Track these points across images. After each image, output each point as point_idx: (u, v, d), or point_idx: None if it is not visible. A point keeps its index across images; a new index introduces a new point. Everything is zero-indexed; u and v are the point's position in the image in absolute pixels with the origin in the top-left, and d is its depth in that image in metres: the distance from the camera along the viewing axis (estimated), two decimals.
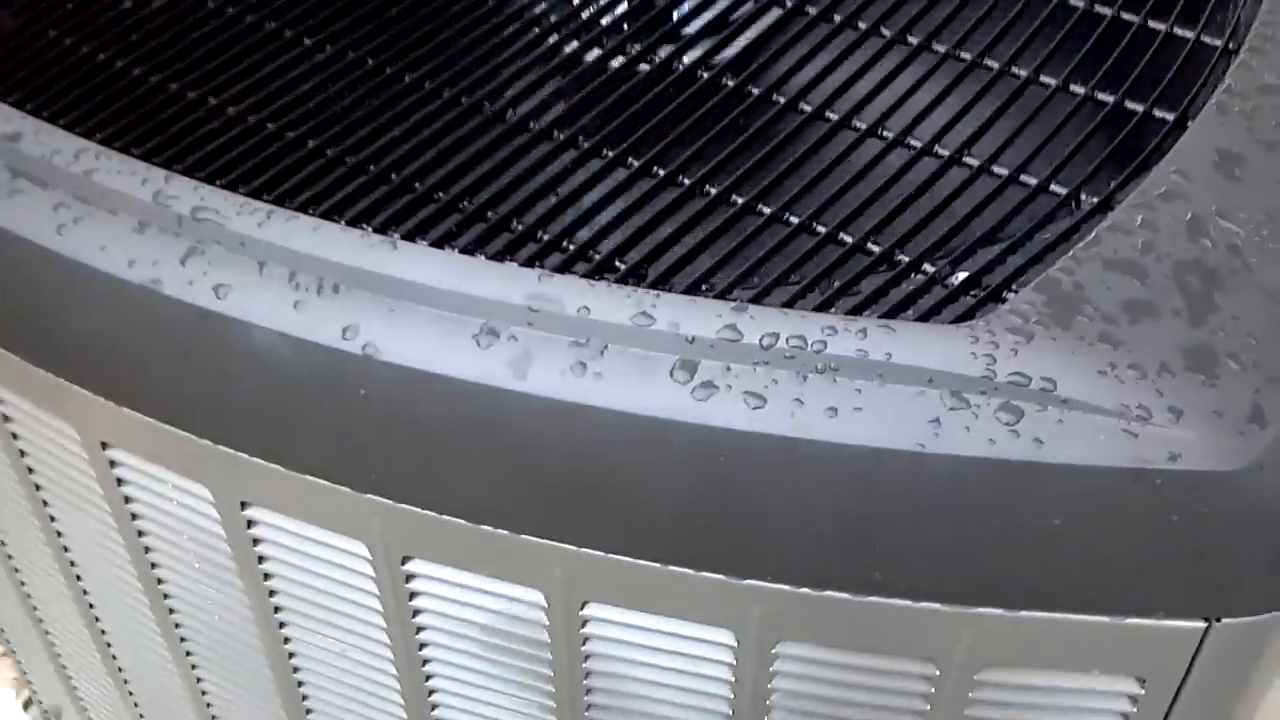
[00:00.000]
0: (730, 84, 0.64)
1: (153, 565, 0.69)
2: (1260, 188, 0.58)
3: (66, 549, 0.75)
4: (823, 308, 0.53)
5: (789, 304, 0.53)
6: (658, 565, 0.53)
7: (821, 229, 0.57)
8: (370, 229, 0.57)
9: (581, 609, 0.57)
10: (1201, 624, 0.51)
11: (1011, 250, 0.55)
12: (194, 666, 0.76)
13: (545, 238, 0.57)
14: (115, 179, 0.58)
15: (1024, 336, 0.50)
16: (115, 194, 0.57)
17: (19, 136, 0.60)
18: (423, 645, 0.63)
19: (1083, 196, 0.58)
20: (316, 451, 0.56)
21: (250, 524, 0.61)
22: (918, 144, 0.61)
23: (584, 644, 0.58)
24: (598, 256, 0.56)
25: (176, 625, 0.73)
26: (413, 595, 0.60)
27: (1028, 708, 0.56)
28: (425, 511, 0.55)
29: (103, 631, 0.81)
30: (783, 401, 0.49)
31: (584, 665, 0.59)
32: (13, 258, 0.59)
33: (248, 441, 0.57)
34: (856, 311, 0.53)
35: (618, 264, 0.56)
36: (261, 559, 0.63)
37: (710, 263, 0.55)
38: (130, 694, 0.85)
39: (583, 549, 0.54)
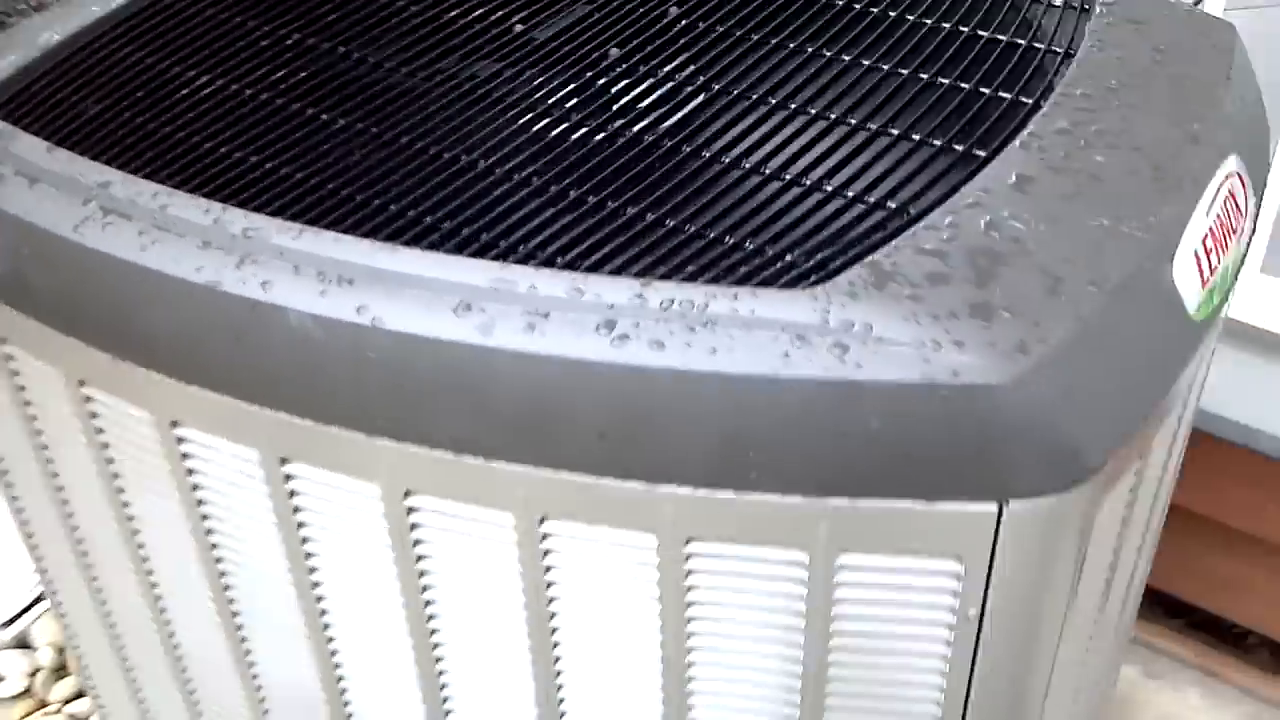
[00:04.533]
0: (655, 140, 0.84)
1: (208, 531, 0.87)
2: (1045, 199, 0.77)
3: (136, 530, 0.93)
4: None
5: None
6: (593, 479, 0.71)
7: (713, 234, 0.76)
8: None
9: (541, 524, 0.75)
10: (994, 506, 0.69)
11: (852, 245, 0.74)
12: (239, 626, 0.93)
13: (503, 245, 0.76)
14: (184, 210, 0.77)
15: (851, 297, 0.69)
16: (184, 221, 0.77)
17: (109, 184, 0.80)
18: (422, 575, 0.80)
19: (911, 210, 0.77)
20: (338, 406, 0.75)
21: (287, 478, 0.80)
22: (799, 178, 0.81)
23: (544, 557, 0.76)
24: (543, 255, 0.76)
25: (226, 587, 0.91)
26: (413, 526, 0.78)
27: (883, 587, 0.73)
28: (421, 448, 0.74)
29: (163, 610, 0.98)
30: (677, 344, 0.68)
31: (546, 577, 0.77)
32: (107, 273, 0.78)
33: (289, 404, 0.76)
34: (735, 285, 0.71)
35: (558, 261, 0.75)
36: (297, 509, 0.81)
37: (625, 260, 0.75)
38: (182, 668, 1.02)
39: (541, 469, 0.72)
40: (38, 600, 1.78)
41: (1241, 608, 1.65)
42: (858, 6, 0.97)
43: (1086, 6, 0.97)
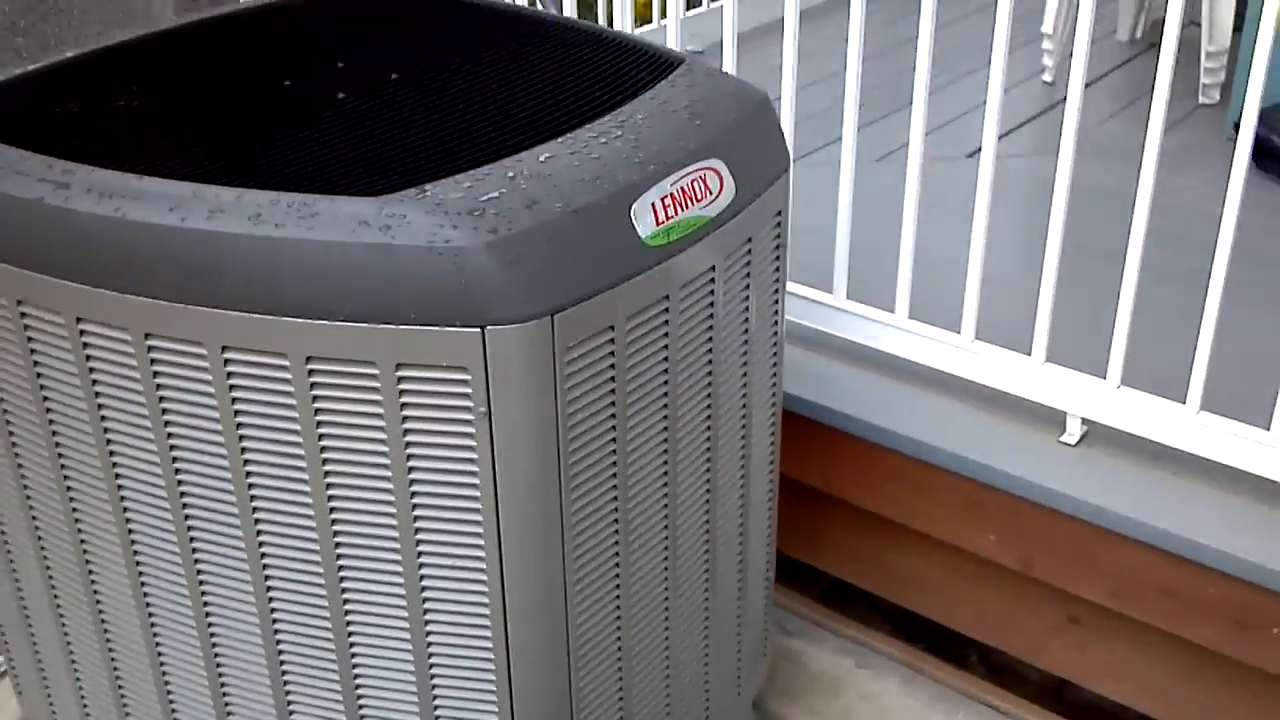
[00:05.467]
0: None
1: (43, 391, 1.32)
2: (556, 166, 1.23)
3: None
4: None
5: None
6: (246, 315, 1.17)
7: (351, 182, 1.23)
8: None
9: (223, 353, 1.20)
10: (478, 329, 1.14)
11: (415, 182, 1.21)
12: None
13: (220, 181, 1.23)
14: (27, 164, 1.26)
15: (400, 202, 1.15)
16: (32, 168, 1.25)
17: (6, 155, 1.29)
18: (162, 401, 1.25)
19: (469, 169, 1.24)
20: (102, 272, 1.21)
21: (83, 333, 1.25)
22: (409, 158, 1.28)
23: (229, 376, 1.21)
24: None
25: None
26: (153, 362, 1.23)
27: (430, 393, 1.17)
28: (149, 300, 1.20)
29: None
30: (291, 224, 1.14)
31: (231, 395, 1.22)
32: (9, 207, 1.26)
33: (83, 276, 1.22)
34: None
35: None
36: (89, 358, 1.27)
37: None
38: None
39: (217, 309, 1.18)
40: None
41: (926, 601, 2.04)
42: (513, 86, 1.46)
43: (664, 77, 1.45)
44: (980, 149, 1.76)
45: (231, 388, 1.21)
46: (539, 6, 2.38)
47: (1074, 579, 1.80)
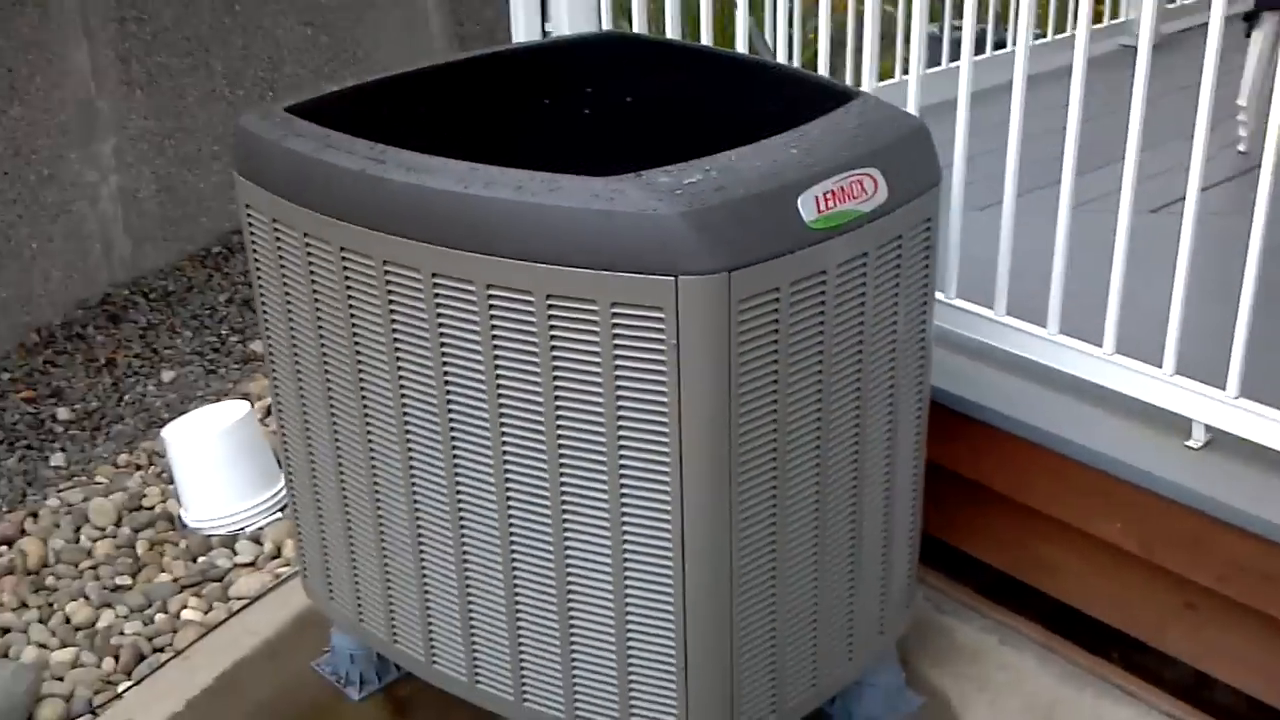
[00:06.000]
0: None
1: (352, 314, 1.77)
2: (741, 163, 1.61)
3: (321, 331, 1.83)
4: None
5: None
6: (510, 260, 1.58)
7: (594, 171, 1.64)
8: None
9: (487, 290, 1.61)
10: (673, 278, 1.52)
11: (635, 168, 1.60)
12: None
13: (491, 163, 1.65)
14: (353, 145, 1.71)
15: (620, 181, 1.55)
16: (356, 146, 1.70)
17: (329, 137, 1.75)
18: (441, 339, 1.67)
19: (675, 162, 1.62)
20: (408, 225, 1.64)
21: (388, 274, 1.69)
22: (637, 158, 1.68)
23: (490, 307, 1.62)
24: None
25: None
26: (436, 298, 1.66)
27: (634, 326, 1.55)
28: (441, 248, 1.62)
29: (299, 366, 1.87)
30: (541, 194, 1.56)
31: (492, 322, 1.63)
32: (334, 176, 1.72)
33: (392, 228, 1.66)
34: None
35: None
36: (390, 291, 1.70)
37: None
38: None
39: (489, 256, 1.59)
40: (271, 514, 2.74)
41: (1065, 586, 2.31)
42: (723, 110, 1.85)
43: (842, 105, 1.81)
44: (1162, 207, 2.04)
45: (492, 316, 1.63)
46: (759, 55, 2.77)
47: (1187, 564, 2.06)
